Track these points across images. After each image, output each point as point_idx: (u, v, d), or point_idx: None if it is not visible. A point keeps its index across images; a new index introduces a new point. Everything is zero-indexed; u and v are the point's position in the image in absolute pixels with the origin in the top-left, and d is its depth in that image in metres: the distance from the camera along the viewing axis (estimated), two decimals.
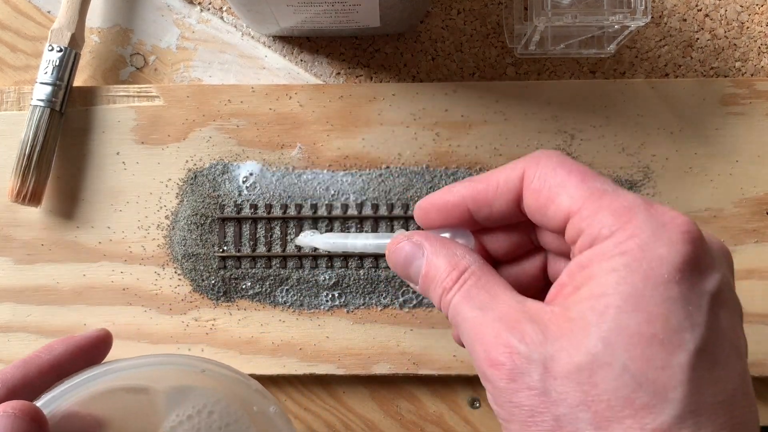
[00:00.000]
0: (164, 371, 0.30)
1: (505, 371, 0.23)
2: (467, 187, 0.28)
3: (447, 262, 0.27)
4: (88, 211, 0.42)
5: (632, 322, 0.22)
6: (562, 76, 0.45)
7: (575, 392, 0.22)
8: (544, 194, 0.26)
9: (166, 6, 0.46)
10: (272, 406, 0.30)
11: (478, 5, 0.45)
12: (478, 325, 0.24)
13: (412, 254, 0.28)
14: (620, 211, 0.23)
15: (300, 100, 0.42)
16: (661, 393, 0.21)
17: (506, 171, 0.27)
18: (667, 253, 0.22)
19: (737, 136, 0.42)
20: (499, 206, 0.27)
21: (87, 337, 0.32)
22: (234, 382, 0.30)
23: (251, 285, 0.42)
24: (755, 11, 0.45)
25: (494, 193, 0.27)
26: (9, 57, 0.45)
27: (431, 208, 0.29)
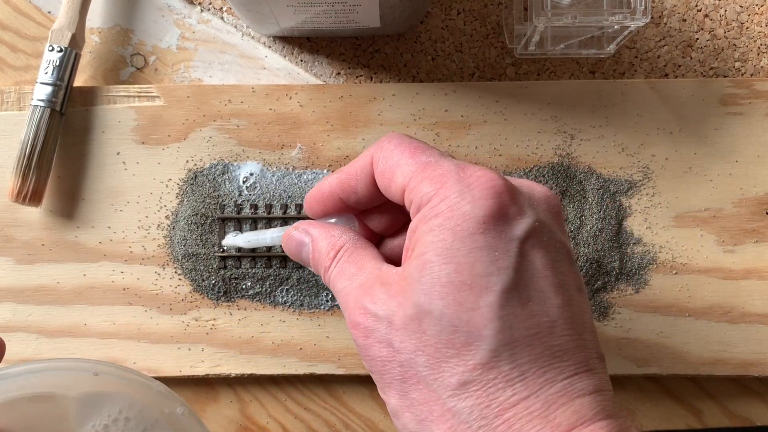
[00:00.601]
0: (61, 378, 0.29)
1: (361, 329, 0.27)
2: (335, 179, 0.32)
3: (327, 244, 0.30)
4: (89, 211, 0.42)
5: (443, 272, 0.25)
6: (561, 76, 0.45)
7: (411, 340, 0.25)
8: (387, 175, 0.29)
9: (167, 6, 0.46)
10: (179, 407, 0.30)
11: (478, 5, 0.45)
12: (346, 294, 0.28)
13: (301, 241, 0.32)
14: (436, 178, 0.27)
15: (300, 100, 0.43)
16: (474, 332, 0.24)
17: (361, 159, 0.31)
18: (471, 208, 0.25)
19: (737, 136, 0.42)
20: (362, 191, 0.31)
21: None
22: (135, 384, 0.29)
23: (251, 285, 0.42)
24: (755, 11, 0.45)
25: (355, 181, 0.31)
26: (9, 57, 0.45)
27: (312, 200, 0.33)
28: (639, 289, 0.42)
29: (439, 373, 0.25)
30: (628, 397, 0.43)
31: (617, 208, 0.42)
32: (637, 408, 0.43)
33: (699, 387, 0.43)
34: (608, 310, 0.41)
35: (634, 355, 0.41)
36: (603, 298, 0.41)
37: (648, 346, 0.41)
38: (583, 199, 0.42)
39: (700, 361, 0.41)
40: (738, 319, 0.41)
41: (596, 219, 0.42)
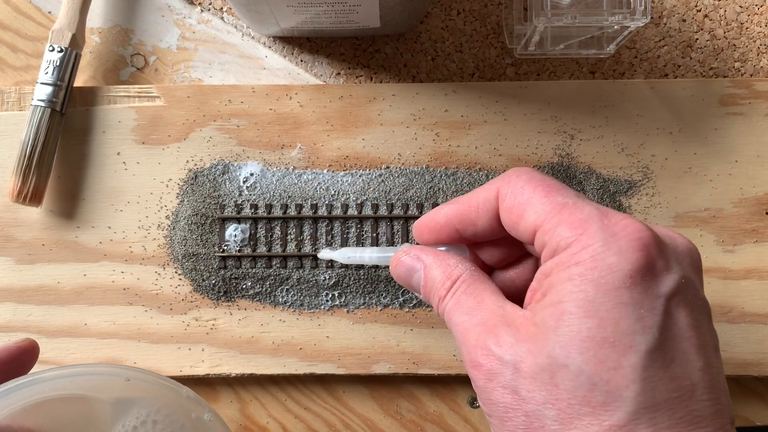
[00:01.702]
0: (93, 381, 0.29)
1: (483, 371, 0.25)
2: (452, 209, 0.31)
3: (442, 273, 0.29)
4: (89, 211, 0.42)
5: (585, 327, 0.24)
6: (561, 76, 0.45)
7: (540, 391, 0.24)
8: (515, 211, 0.28)
9: (167, 6, 0.46)
10: (207, 413, 0.30)
11: (477, 6, 0.45)
12: (464, 329, 0.27)
13: (411, 267, 0.31)
14: (576, 223, 0.25)
15: (300, 100, 0.43)
16: (614, 392, 0.23)
17: (484, 191, 0.29)
18: (617, 261, 0.24)
19: (736, 136, 0.42)
20: (482, 225, 0.30)
21: (7, 350, 0.31)
22: (165, 389, 0.30)
23: (251, 285, 0.42)
24: (754, 12, 0.45)
25: (476, 214, 0.30)
26: (10, 57, 0.45)
27: (424, 228, 0.32)
28: None
29: (569, 430, 0.23)
30: None
31: (617, 208, 0.42)
32: None
33: None
34: None
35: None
36: None
37: None
38: None
39: None
40: (738, 319, 0.41)
41: None
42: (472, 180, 0.42)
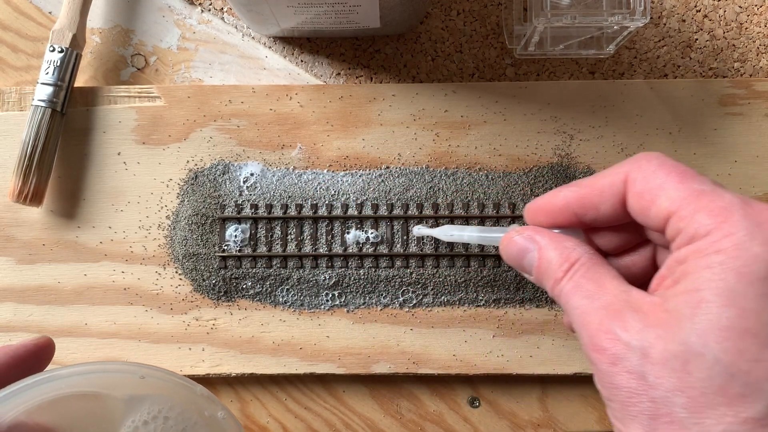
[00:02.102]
0: (107, 378, 0.29)
1: (607, 356, 0.25)
2: (573, 192, 0.30)
3: (558, 255, 0.29)
4: (89, 211, 0.42)
5: (724, 316, 0.23)
6: (561, 76, 0.45)
7: (670, 378, 0.23)
8: (646, 197, 0.27)
9: (167, 6, 0.46)
10: (220, 411, 0.30)
11: (477, 6, 0.45)
12: (585, 313, 0.26)
13: (524, 247, 0.30)
14: (717, 210, 0.25)
15: (300, 100, 0.43)
16: (754, 384, 0.22)
17: (610, 175, 0.29)
18: (762, 251, 0.23)
19: (736, 137, 0.42)
20: (605, 210, 0.29)
21: (24, 347, 0.31)
22: (179, 387, 0.30)
23: (252, 285, 0.42)
24: (754, 12, 0.45)
25: (599, 198, 0.29)
26: (10, 57, 0.45)
27: (539, 211, 0.31)
28: None
29: (700, 419, 0.23)
30: None
31: None
32: None
33: None
34: None
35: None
36: None
37: None
38: None
39: None
40: None
41: None
42: (471, 180, 0.42)
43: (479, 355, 0.41)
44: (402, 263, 0.42)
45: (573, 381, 0.43)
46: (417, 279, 0.42)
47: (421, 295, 0.42)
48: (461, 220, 0.42)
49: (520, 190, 0.42)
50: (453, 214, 0.42)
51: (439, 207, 0.42)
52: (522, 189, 0.42)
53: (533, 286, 0.41)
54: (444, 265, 0.42)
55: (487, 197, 0.42)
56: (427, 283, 0.42)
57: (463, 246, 0.42)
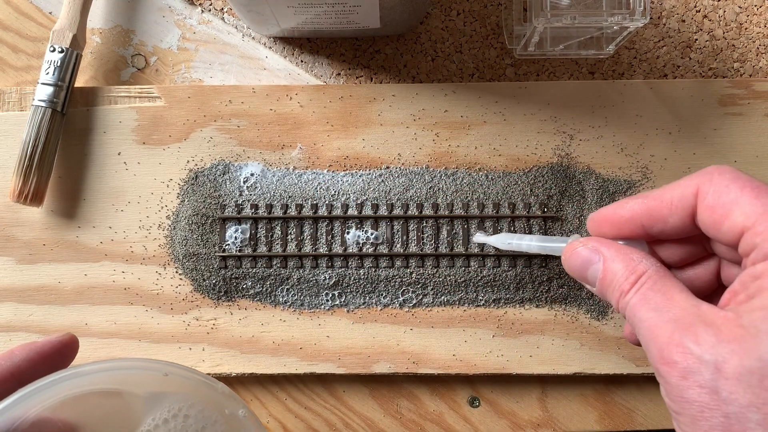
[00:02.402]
0: (130, 375, 0.30)
1: (678, 369, 0.25)
2: (640, 204, 0.30)
3: (624, 267, 0.28)
4: (90, 211, 0.42)
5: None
6: (561, 76, 0.45)
7: (746, 394, 0.23)
8: (719, 211, 0.27)
9: (167, 7, 0.46)
10: (241, 409, 0.30)
11: (477, 6, 0.45)
12: (653, 326, 0.26)
13: (588, 259, 0.30)
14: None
15: (300, 100, 0.43)
16: None
17: (680, 188, 0.28)
18: None
19: (735, 137, 0.42)
20: (673, 222, 0.29)
21: (49, 343, 0.31)
22: (200, 385, 0.30)
23: (252, 284, 0.42)
24: (754, 12, 0.45)
25: (668, 210, 0.29)
26: (10, 57, 0.45)
27: (604, 222, 0.31)
28: None
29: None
30: (627, 397, 0.43)
31: None
32: (636, 408, 0.43)
33: None
34: (607, 310, 0.42)
35: (634, 355, 0.41)
36: None
37: None
38: (582, 199, 0.42)
39: None
40: None
41: None
42: (471, 180, 0.42)
43: (479, 355, 0.41)
44: (402, 263, 0.42)
45: (573, 381, 0.43)
46: (417, 279, 0.42)
47: (421, 295, 0.42)
48: (462, 219, 0.42)
49: (519, 190, 0.42)
50: (453, 214, 0.42)
51: (438, 207, 0.42)
52: (522, 189, 0.42)
53: (533, 285, 0.41)
54: (444, 265, 0.42)
55: (487, 197, 0.42)
56: (427, 283, 0.42)
57: (463, 246, 0.42)
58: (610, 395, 0.43)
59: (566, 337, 0.41)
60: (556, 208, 0.42)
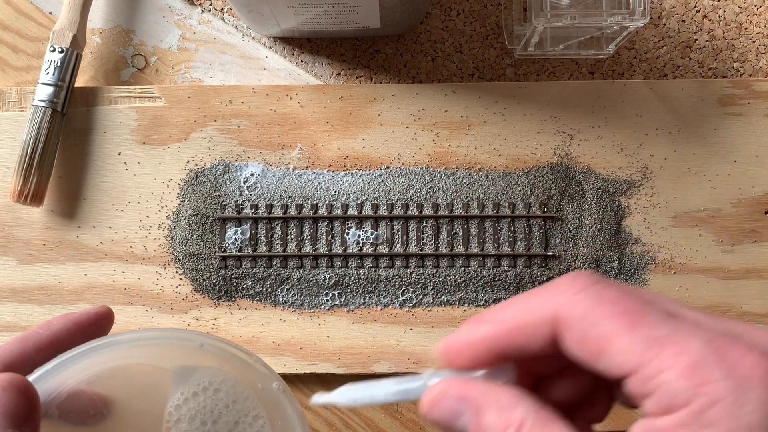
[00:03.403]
0: (165, 347, 0.30)
1: None
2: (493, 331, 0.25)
3: (497, 418, 0.24)
4: (90, 211, 0.42)
5: None
6: (561, 76, 0.45)
7: None
8: (590, 347, 0.23)
9: (167, 7, 0.46)
10: (275, 382, 0.30)
11: (477, 6, 0.45)
12: None
13: (453, 411, 0.26)
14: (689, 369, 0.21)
15: (300, 100, 0.43)
16: None
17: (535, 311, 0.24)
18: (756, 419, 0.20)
19: (735, 137, 0.42)
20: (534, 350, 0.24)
21: (86, 314, 0.31)
22: (234, 357, 0.30)
23: (252, 284, 0.42)
24: (753, 12, 0.45)
25: (525, 339, 0.24)
26: (11, 58, 0.45)
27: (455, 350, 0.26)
28: None
29: None
30: None
31: (616, 208, 0.42)
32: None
33: None
34: None
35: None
36: None
37: None
38: (582, 199, 0.42)
39: None
40: (737, 319, 0.41)
41: (595, 219, 0.42)
42: (471, 180, 0.42)
43: None
44: (402, 263, 0.42)
45: None
46: (417, 279, 0.42)
47: (421, 294, 0.42)
48: (462, 219, 0.42)
49: (519, 190, 0.42)
50: (453, 214, 0.42)
51: (438, 207, 0.42)
52: (522, 189, 0.42)
53: (533, 285, 0.41)
54: (444, 265, 0.42)
55: (487, 197, 0.42)
56: (427, 283, 0.42)
57: (463, 246, 0.42)
58: None
59: None
60: (556, 208, 0.42)
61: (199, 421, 0.29)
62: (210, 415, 0.29)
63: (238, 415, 0.29)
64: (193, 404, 0.29)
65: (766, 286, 0.41)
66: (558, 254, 0.42)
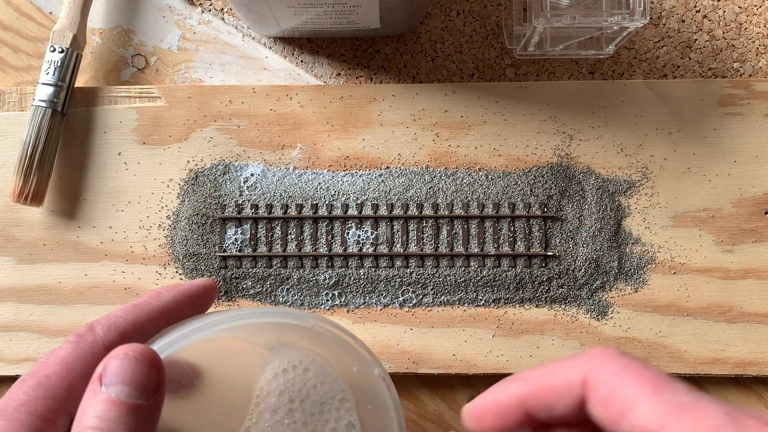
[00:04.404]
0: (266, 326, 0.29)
1: None
2: (522, 389, 0.27)
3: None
4: (90, 211, 0.42)
5: None
6: (560, 76, 0.45)
7: None
8: (614, 407, 0.24)
9: (168, 7, 0.46)
10: (377, 368, 0.29)
11: (477, 6, 0.45)
12: None
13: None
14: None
15: (300, 100, 0.43)
16: None
17: (565, 373, 0.26)
18: None
19: (735, 137, 0.42)
20: (561, 410, 0.26)
21: (195, 286, 0.31)
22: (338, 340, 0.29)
23: (252, 284, 0.42)
24: (753, 12, 0.45)
25: (554, 399, 0.26)
26: (11, 58, 0.45)
27: (486, 413, 0.28)
28: (638, 289, 0.42)
29: None
30: None
31: (616, 208, 0.42)
32: None
33: (698, 386, 0.43)
34: (607, 310, 0.42)
35: (633, 355, 0.41)
36: (602, 298, 0.42)
37: (647, 346, 0.41)
38: (582, 199, 0.42)
39: (699, 361, 0.41)
40: (736, 319, 0.41)
41: (595, 219, 0.42)
42: (471, 180, 0.42)
43: (479, 355, 0.41)
44: (402, 263, 0.42)
45: None
46: (417, 279, 0.42)
47: (421, 294, 0.42)
48: (462, 219, 0.42)
49: (519, 190, 0.42)
50: (453, 214, 0.42)
51: (438, 207, 0.42)
52: (522, 189, 0.42)
53: (533, 285, 0.42)
54: (444, 265, 0.42)
55: (487, 197, 0.42)
56: (427, 283, 0.42)
57: (463, 246, 0.42)
58: None
59: (566, 337, 0.41)
60: (556, 208, 0.42)
61: (287, 398, 0.29)
62: (298, 393, 0.29)
63: (325, 396, 0.29)
64: (283, 380, 0.29)
65: (766, 286, 0.41)
66: (558, 254, 0.42)
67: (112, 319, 0.27)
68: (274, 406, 0.29)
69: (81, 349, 0.26)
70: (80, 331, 0.27)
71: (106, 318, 0.27)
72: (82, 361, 0.25)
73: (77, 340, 0.26)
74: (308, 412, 0.29)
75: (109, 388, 0.23)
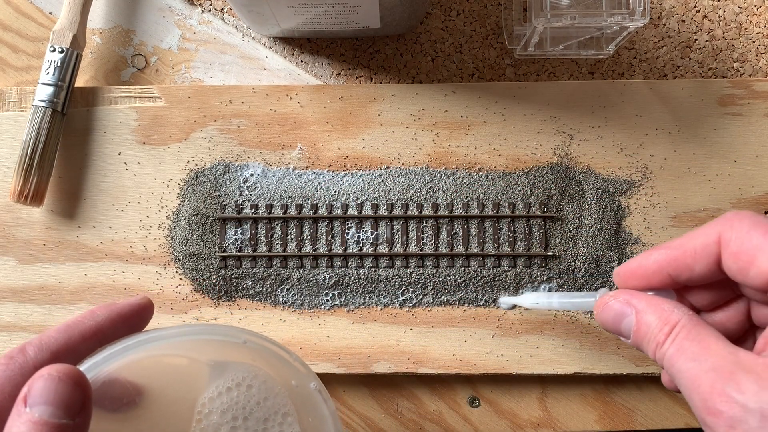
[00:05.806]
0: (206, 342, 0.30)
1: (724, 419, 0.25)
2: (665, 255, 0.30)
3: (657, 318, 0.29)
4: (90, 211, 0.42)
5: None
6: (560, 76, 0.45)
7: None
8: (743, 257, 0.28)
9: (168, 7, 0.46)
10: (313, 382, 0.30)
11: (477, 6, 0.45)
12: (693, 376, 0.26)
13: (621, 312, 0.31)
14: None
15: (300, 100, 0.43)
16: None
17: (701, 236, 0.29)
18: None
19: (735, 137, 0.42)
20: (699, 270, 0.30)
21: (129, 305, 0.31)
22: (274, 355, 0.30)
23: (252, 284, 0.42)
24: (753, 12, 0.45)
25: (693, 259, 0.30)
26: (11, 58, 0.45)
27: (631, 275, 0.32)
28: None
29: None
30: (627, 397, 0.43)
31: (616, 208, 0.42)
32: (636, 407, 0.43)
33: None
34: None
35: (633, 355, 0.41)
36: None
37: None
38: (582, 199, 0.42)
39: None
40: None
41: (595, 219, 0.42)
42: (471, 180, 0.42)
43: (479, 355, 0.41)
44: (402, 263, 0.42)
45: (573, 381, 0.43)
46: (417, 279, 0.42)
47: (421, 294, 0.42)
48: (462, 219, 0.42)
49: (519, 190, 0.42)
50: (453, 214, 0.42)
51: (438, 207, 0.42)
52: (522, 189, 0.42)
53: (533, 285, 0.42)
54: (444, 265, 0.42)
55: (487, 197, 0.42)
56: (427, 283, 0.42)
57: (463, 246, 0.42)
58: (610, 395, 0.43)
59: (566, 336, 0.41)
60: (556, 208, 0.42)
61: (230, 416, 0.29)
62: (242, 411, 0.29)
63: (269, 412, 0.30)
64: (227, 398, 0.29)
65: None
66: (558, 254, 0.42)
67: (44, 339, 0.27)
68: (217, 424, 0.29)
69: (11, 371, 0.26)
70: (11, 352, 0.26)
71: (38, 339, 0.27)
72: (11, 382, 0.25)
73: (7, 362, 0.26)
74: (252, 429, 0.29)
75: (33, 408, 0.23)
